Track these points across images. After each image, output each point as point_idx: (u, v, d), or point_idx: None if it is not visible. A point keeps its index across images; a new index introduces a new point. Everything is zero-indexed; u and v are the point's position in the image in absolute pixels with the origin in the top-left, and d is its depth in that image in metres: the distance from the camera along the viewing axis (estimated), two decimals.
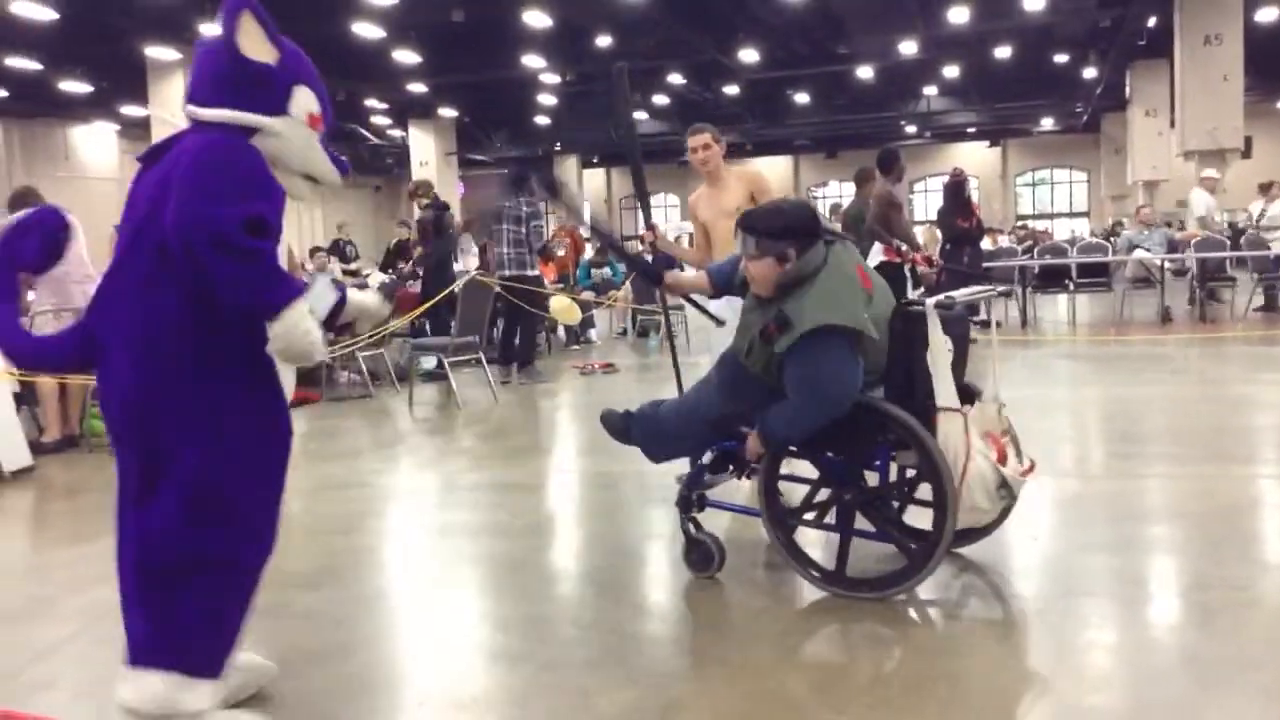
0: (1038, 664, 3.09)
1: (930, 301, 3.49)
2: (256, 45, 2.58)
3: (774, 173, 43.99)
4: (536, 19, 20.01)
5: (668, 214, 44.76)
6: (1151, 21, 22.37)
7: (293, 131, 2.61)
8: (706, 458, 3.86)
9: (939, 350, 3.44)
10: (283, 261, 2.86)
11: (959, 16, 21.29)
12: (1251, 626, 3.25)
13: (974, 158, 39.45)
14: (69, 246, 2.73)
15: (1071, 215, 41.74)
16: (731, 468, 3.98)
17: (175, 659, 2.55)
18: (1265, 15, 21.92)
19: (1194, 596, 3.54)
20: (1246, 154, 21.50)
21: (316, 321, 2.48)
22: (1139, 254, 13.12)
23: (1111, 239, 17.32)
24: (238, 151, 2.47)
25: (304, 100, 2.64)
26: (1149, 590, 3.55)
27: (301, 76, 2.65)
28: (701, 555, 3.86)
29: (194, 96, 2.63)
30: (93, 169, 29.54)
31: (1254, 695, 2.80)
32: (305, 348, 2.42)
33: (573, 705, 2.83)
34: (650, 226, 5.28)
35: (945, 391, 3.44)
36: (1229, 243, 13.70)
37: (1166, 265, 12.96)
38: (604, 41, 22.83)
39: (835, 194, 39.28)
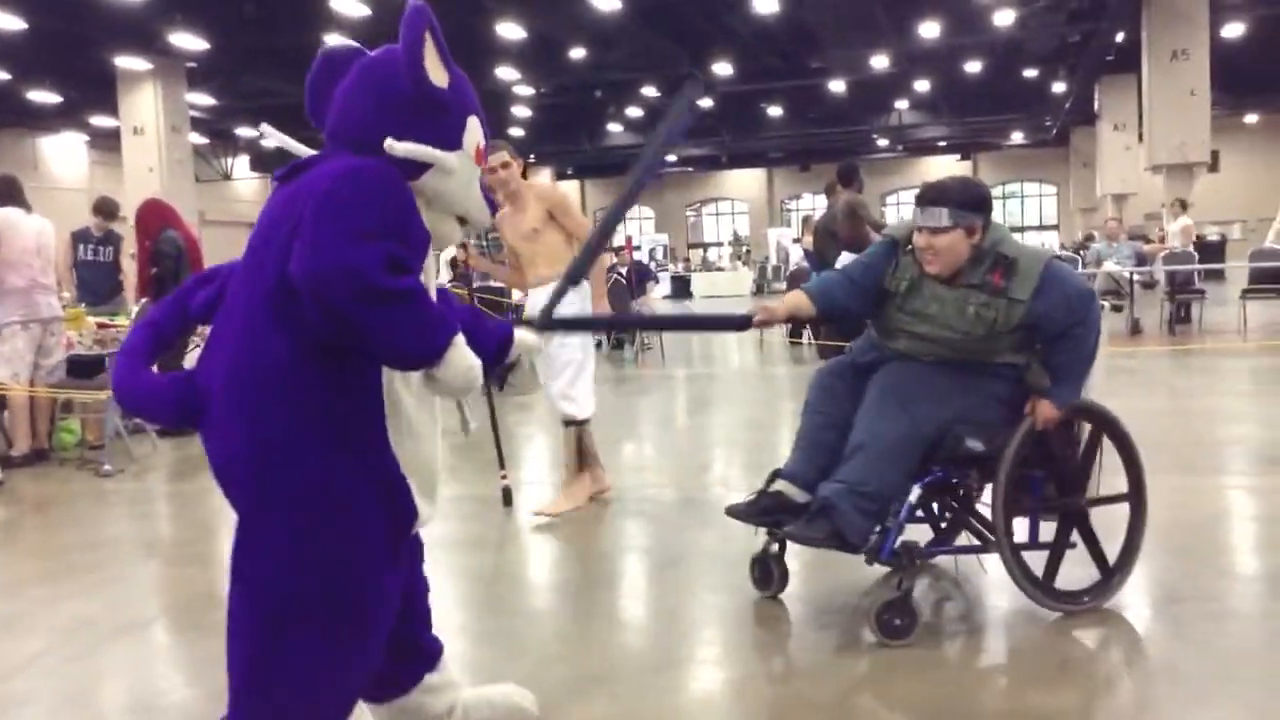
0: (1010, 677, 3.10)
1: (1106, 305, 3.60)
2: (434, 68, 2.23)
3: (749, 185, 44.26)
4: (511, 31, 20.04)
5: (641, 226, 44.91)
6: (1119, 37, 22.64)
7: (463, 167, 2.26)
8: (914, 495, 3.35)
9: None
10: None
11: (930, 31, 21.51)
12: (1225, 638, 3.28)
13: (945, 170, 39.64)
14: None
15: (1041, 228, 42.13)
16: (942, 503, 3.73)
17: None
18: (1231, 31, 22.28)
19: (1168, 609, 3.57)
20: (1214, 168, 21.79)
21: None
22: (1108, 267, 13.25)
23: (1081, 252, 17.49)
24: (383, 182, 2.08)
25: (475, 133, 2.30)
26: (1122, 602, 3.57)
27: (471, 105, 2.32)
28: (911, 619, 3.26)
29: (359, 121, 2.23)
30: (62, 179, 29.31)
31: (1233, 707, 2.83)
32: (468, 384, 2.10)
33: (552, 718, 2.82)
34: (463, 245, 5.28)
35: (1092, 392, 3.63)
36: (1197, 256, 13.87)
37: (1135, 278, 13.10)
38: (578, 54, 22.89)
39: (809, 206, 39.49)
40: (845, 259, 9.28)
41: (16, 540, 5.57)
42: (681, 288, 32.22)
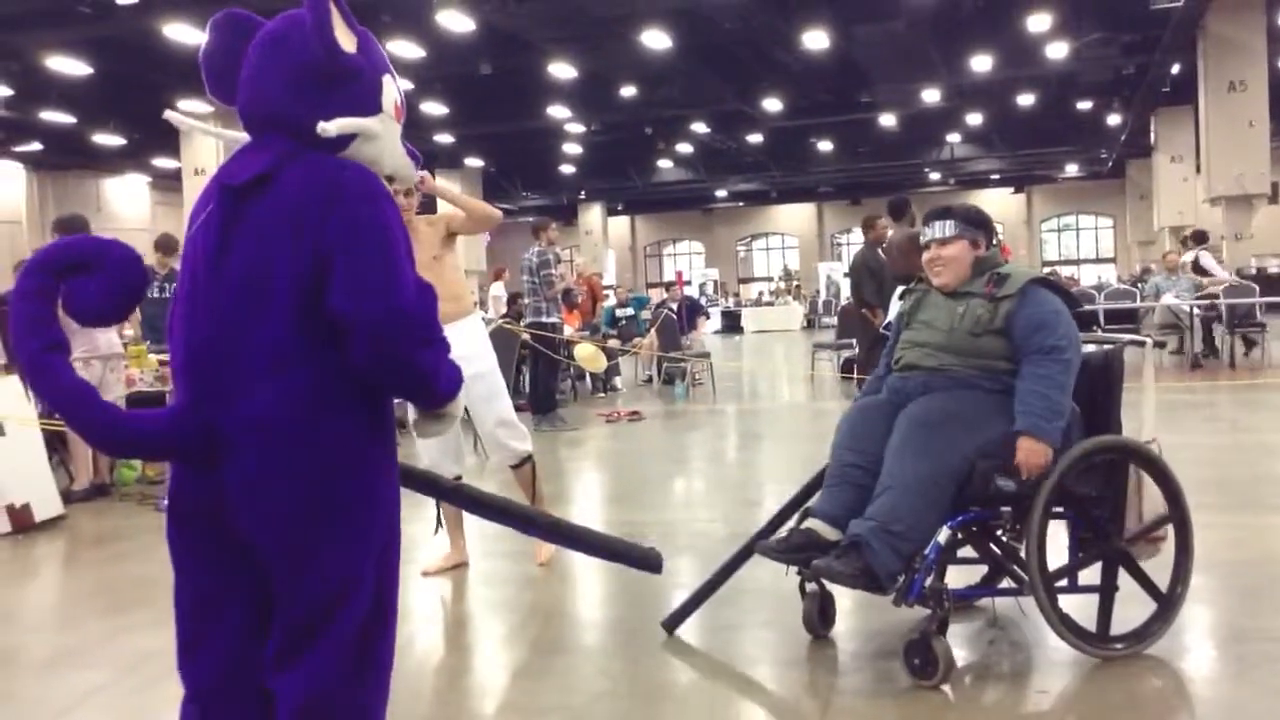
0: (1068, 716, 3.04)
1: (1150, 341, 3.81)
2: (341, 33, 2.09)
3: (798, 219, 44.22)
4: (562, 70, 20.28)
5: (691, 260, 44.99)
6: (1175, 68, 22.42)
7: (387, 129, 2.16)
8: (943, 536, 3.29)
9: (1150, 387, 3.77)
10: None
11: (982, 65, 21.43)
12: None
13: (998, 204, 39.43)
14: (141, 298, 2.14)
15: (1098, 261, 41.61)
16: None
17: None
18: None
19: (1231, 649, 3.49)
20: (1273, 199, 21.45)
21: None
22: (1167, 300, 13.05)
23: (1139, 284, 17.25)
24: (380, 189, 2.04)
25: (390, 91, 2.18)
26: (1185, 641, 3.50)
27: (383, 64, 2.20)
28: (933, 661, 3.18)
29: (275, 99, 2.08)
30: (125, 220, 29.98)
31: None
32: (451, 425, 2.20)
33: None
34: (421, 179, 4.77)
35: (1148, 428, 3.64)
36: (1258, 289, 13.62)
37: (1195, 312, 12.88)
38: (629, 91, 23.08)
39: (859, 241, 39.37)
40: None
41: (77, 574, 5.66)
42: (732, 323, 32.23)
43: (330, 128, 2.04)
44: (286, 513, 1.93)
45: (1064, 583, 3.44)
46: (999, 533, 3.56)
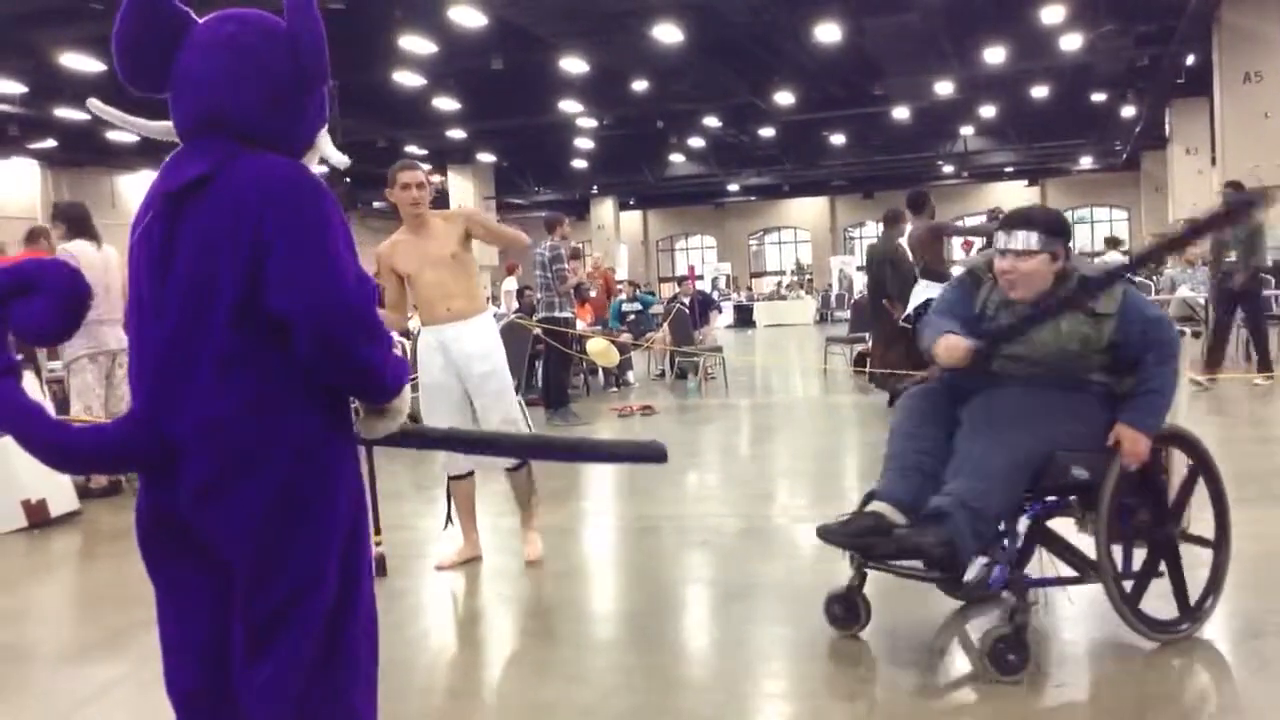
0: (1086, 712, 3.03)
1: (1189, 331, 3.64)
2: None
3: (810, 213, 44.12)
4: (574, 65, 20.25)
5: (703, 255, 44.95)
6: (1190, 59, 22.27)
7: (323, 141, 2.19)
8: (1023, 525, 3.31)
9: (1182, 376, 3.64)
10: None
11: (995, 57, 21.32)
12: None
13: (1012, 197, 39.18)
14: (87, 312, 2.04)
15: None
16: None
17: None
18: None
19: (1248, 643, 3.46)
20: None
21: None
22: (1183, 293, 12.97)
23: (1154, 278, 17.15)
24: (321, 187, 1.97)
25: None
26: (1201, 635, 3.48)
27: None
28: (1025, 655, 3.15)
29: (258, 115, 2.03)
30: None
31: None
32: (397, 422, 2.13)
33: None
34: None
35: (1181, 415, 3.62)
36: (1275, 280, 13.52)
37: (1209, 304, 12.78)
38: (640, 85, 23.05)
39: (872, 234, 39.25)
40: (923, 286, 9.11)
41: (93, 569, 5.69)
42: (744, 317, 32.19)
43: (332, 157, 2.15)
44: (247, 514, 1.90)
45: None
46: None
